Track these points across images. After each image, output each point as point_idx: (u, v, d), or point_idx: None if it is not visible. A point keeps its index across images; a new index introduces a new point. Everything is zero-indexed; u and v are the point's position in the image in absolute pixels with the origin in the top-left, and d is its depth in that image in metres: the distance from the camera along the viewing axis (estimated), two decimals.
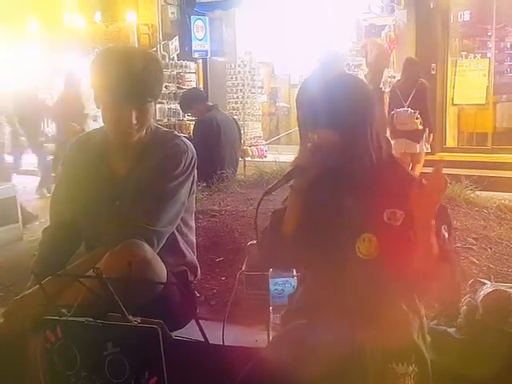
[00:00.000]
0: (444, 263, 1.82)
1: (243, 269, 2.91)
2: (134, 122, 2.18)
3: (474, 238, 3.39)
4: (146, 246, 2.09)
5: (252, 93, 11.09)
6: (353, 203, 1.94)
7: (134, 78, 2.12)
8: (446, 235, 1.88)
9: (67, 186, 2.39)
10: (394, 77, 9.34)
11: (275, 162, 6.07)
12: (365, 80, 7.55)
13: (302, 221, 1.98)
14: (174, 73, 10.33)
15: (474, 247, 3.29)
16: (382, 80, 9.78)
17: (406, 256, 1.81)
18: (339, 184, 1.97)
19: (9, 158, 9.76)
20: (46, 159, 9.20)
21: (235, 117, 8.06)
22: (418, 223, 1.79)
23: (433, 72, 9.78)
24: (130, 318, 1.63)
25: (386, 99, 8.22)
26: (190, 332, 2.07)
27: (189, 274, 2.44)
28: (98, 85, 2.19)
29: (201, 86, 10.70)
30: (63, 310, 1.71)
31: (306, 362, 1.74)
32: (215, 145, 5.91)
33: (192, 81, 10.62)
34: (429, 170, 1.86)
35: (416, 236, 1.81)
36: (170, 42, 10.72)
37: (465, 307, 2.38)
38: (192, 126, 7.91)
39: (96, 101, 2.23)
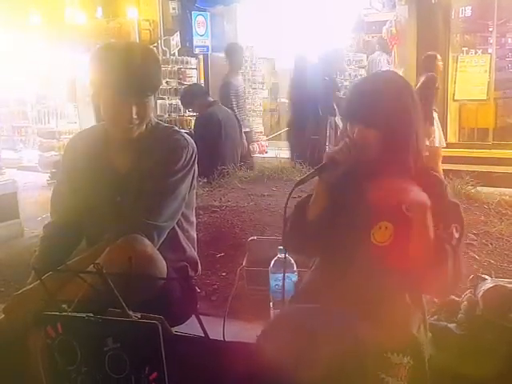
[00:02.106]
0: (445, 263, 1.83)
1: (244, 264, 2.91)
2: (135, 116, 2.18)
3: (474, 234, 3.39)
4: (147, 241, 2.09)
5: (253, 88, 11.06)
6: (375, 192, 1.94)
7: (132, 72, 2.12)
8: (457, 235, 1.88)
9: (68, 182, 2.39)
10: None
11: (276, 157, 6.08)
12: None
13: (326, 209, 1.99)
14: (175, 68, 10.29)
15: (474, 243, 3.29)
16: None
17: (416, 246, 1.81)
18: (365, 175, 1.97)
19: None
20: None
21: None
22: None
23: None
24: (131, 313, 1.63)
25: None
26: (190, 327, 2.08)
27: (189, 269, 2.44)
28: (98, 81, 2.19)
29: (202, 81, 10.67)
30: (64, 306, 1.71)
31: (300, 349, 1.74)
32: (216, 140, 5.91)
33: (193, 76, 10.58)
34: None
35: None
36: (171, 38, 10.69)
37: (465, 303, 2.39)
38: (193, 122, 7.90)
39: (94, 97, 2.23)
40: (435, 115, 7.43)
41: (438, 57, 7.69)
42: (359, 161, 1.93)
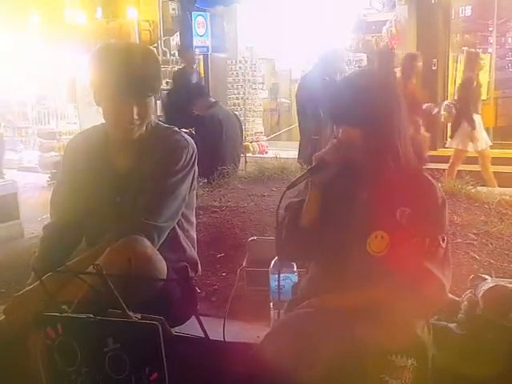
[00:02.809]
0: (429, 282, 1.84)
1: (244, 265, 2.91)
2: (136, 117, 2.18)
3: (474, 234, 3.39)
4: (147, 242, 2.09)
5: (253, 89, 11.07)
6: (368, 199, 1.93)
7: (133, 72, 2.12)
8: (444, 245, 1.88)
9: (68, 183, 2.39)
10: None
11: (276, 157, 6.09)
12: None
13: (320, 213, 1.99)
14: (175, 69, 10.31)
15: (474, 242, 3.29)
16: None
17: (411, 253, 1.81)
18: (357, 179, 1.97)
19: None
20: None
21: (236, 113, 8.05)
22: None
23: (434, 67, 9.77)
24: (131, 314, 1.63)
25: None
26: (190, 328, 2.08)
27: (189, 269, 2.44)
28: (98, 82, 2.19)
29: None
30: (64, 307, 1.71)
31: (304, 353, 1.74)
32: (217, 141, 5.91)
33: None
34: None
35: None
36: (171, 38, 10.71)
37: (465, 303, 2.38)
38: None
39: (95, 98, 2.22)
40: (477, 117, 7.19)
41: (481, 55, 7.65)
42: (349, 160, 1.93)
